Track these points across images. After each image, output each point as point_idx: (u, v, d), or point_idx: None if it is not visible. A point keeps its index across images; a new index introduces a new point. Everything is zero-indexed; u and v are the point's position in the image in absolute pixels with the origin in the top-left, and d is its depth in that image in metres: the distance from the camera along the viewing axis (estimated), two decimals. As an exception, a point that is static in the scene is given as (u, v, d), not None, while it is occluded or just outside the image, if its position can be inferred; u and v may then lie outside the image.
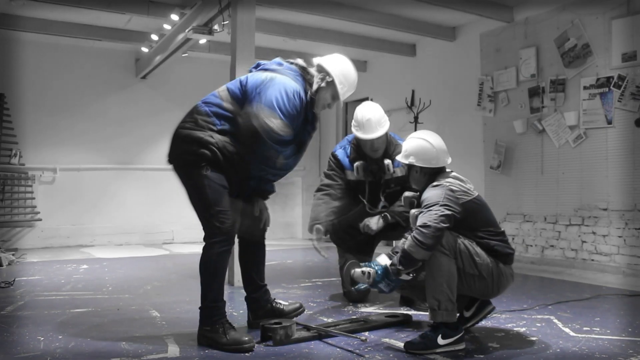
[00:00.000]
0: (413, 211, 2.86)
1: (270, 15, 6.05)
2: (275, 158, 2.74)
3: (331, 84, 2.89)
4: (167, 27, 6.21)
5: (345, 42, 6.92)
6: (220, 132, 2.70)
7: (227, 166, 2.71)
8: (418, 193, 2.94)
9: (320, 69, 2.91)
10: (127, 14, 5.93)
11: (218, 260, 2.72)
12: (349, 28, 6.67)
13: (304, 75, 2.88)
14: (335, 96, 2.92)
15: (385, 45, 7.24)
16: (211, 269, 2.72)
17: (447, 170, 2.92)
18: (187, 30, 5.75)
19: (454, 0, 5.63)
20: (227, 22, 5.13)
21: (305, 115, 2.86)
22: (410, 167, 2.94)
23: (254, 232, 3.03)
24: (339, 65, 2.93)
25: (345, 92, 2.93)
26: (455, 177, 2.85)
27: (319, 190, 3.88)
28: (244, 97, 2.74)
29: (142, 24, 6.46)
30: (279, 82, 2.72)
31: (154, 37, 6.73)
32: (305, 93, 2.83)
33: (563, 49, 5.43)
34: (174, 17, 5.83)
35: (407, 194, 3.16)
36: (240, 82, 2.80)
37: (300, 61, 2.93)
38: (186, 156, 2.72)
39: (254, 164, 2.76)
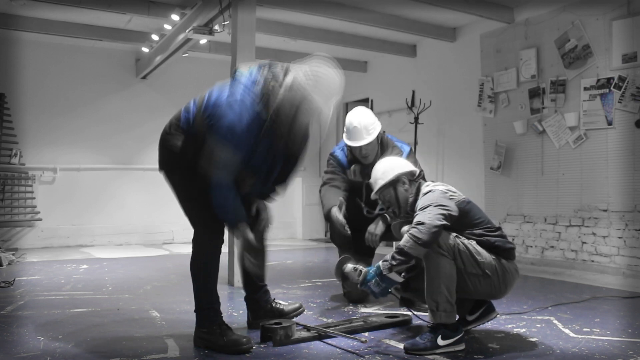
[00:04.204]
0: (405, 228, 2.84)
1: (270, 15, 6.05)
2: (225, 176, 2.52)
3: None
4: (167, 27, 6.21)
5: (346, 42, 6.93)
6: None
7: None
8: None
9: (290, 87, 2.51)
10: (127, 14, 5.93)
11: (208, 260, 2.71)
12: (349, 28, 6.67)
13: (269, 98, 2.49)
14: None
15: (385, 46, 7.23)
16: (203, 270, 2.72)
17: (431, 181, 2.97)
18: (187, 31, 5.75)
19: (455, 1, 5.62)
20: (227, 22, 5.13)
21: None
22: (387, 194, 2.92)
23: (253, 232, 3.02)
24: (315, 86, 2.47)
25: (317, 130, 2.62)
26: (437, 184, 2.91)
27: (323, 184, 3.87)
28: (205, 110, 2.59)
29: (142, 24, 6.45)
30: (235, 107, 2.46)
31: (155, 37, 6.73)
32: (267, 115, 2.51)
33: (563, 50, 5.43)
34: (175, 17, 5.83)
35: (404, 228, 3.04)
36: (209, 93, 2.65)
37: (277, 75, 2.53)
38: (164, 161, 2.75)
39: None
